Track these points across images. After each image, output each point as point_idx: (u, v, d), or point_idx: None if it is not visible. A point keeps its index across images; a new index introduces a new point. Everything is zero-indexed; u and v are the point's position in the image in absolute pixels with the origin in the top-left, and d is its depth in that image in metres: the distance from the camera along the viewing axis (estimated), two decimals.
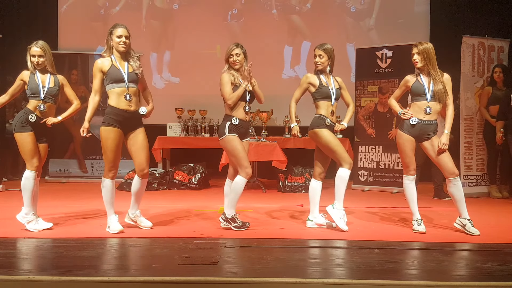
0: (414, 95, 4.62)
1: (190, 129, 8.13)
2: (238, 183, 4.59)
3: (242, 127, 4.66)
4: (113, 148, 4.43)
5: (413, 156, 4.65)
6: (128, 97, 4.41)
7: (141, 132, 4.54)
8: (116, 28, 4.46)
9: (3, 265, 3.53)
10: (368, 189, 7.66)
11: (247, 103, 4.67)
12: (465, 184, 6.84)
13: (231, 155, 4.66)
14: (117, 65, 4.44)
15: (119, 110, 4.41)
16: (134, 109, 4.47)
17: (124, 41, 4.44)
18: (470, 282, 3.22)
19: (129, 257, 3.94)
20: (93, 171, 8.32)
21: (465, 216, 4.56)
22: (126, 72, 4.44)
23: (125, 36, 4.44)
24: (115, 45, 4.45)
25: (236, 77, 4.63)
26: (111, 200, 4.59)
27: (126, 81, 4.42)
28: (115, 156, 4.47)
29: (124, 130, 4.48)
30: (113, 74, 4.42)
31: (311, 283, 3.15)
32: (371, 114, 7.72)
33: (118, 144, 4.46)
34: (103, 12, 9.10)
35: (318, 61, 4.71)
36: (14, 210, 4.74)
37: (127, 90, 4.42)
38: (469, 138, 7.05)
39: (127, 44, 4.46)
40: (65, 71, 7.96)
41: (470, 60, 7.05)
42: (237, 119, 4.62)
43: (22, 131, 4.49)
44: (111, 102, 4.45)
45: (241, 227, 4.62)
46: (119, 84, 4.42)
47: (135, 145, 4.52)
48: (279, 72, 9.01)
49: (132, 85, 4.47)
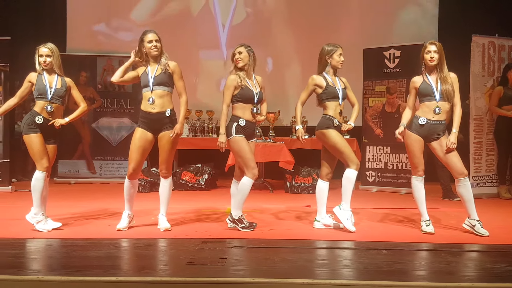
0: (423, 95, 4.59)
1: (198, 130, 8.14)
2: (244, 184, 4.59)
3: (249, 128, 4.66)
4: (134, 147, 4.58)
5: (422, 157, 4.63)
6: (150, 101, 4.53)
7: (167, 134, 4.60)
8: (146, 35, 4.59)
9: (12, 265, 3.56)
10: (376, 189, 7.63)
11: (255, 105, 4.68)
12: (475, 185, 6.79)
13: (237, 156, 4.67)
14: (147, 70, 4.60)
15: (143, 112, 4.58)
16: (158, 111, 4.55)
17: (155, 45, 4.56)
18: (479, 284, 3.20)
19: (137, 257, 3.95)
20: (101, 172, 8.36)
21: (474, 217, 4.52)
22: (153, 75, 4.55)
23: (155, 40, 4.56)
24: (147, 50, 4.58)
25: (242, 79, 4.63)
26: (127, 197, 4.68)
27: (151, 85, 4.54)
28: (135, 155, 4.58)
29: (152, 132, 4.59)
30: (143, 79, 4.60)
31: (318, 284, 3.14)
32: (379, 114, 7.69)
33: (141, 145, 4.57)
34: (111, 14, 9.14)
35: (342, 61, 4.71)
36: (23, 210, 4.77)
37: (151, 93, 4.54)
38: (479, 138, 7.01)
39: (159, 47, 4.57)
40: (74, 73, 8.00)
41: (480, 60, 7.00)
42: (244, 120, 4.63)
43: (29, 133, 4.52)
44: (141, 105, 4.63)
45: (248, 228, 4.63)
46: (146, 88, 4.59)
47: (159, 146, 4.65)
48: (286, 71, 9.01)
49: (158, 87, 4.55)
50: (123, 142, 8.21)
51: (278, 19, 9.09)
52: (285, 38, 9.08)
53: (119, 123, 8.37)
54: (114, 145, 8.35)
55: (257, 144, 7.04)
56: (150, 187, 7.33)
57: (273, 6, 9.12)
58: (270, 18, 9.12)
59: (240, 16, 9.09)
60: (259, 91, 4.68)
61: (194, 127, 8.15)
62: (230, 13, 9.09)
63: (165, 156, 4.65)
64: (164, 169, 4.67)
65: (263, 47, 8.47)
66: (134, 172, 4.62)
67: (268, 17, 9.12)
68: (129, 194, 4.68)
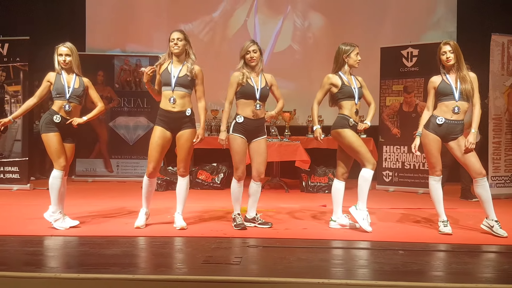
0: (442, 95, 4.54)
1: (213, 129, 8.15)
2: (232, 185, 4.73)
3: (248, 125, 4.65)
4: (154, 146, 4.61)
5: (439, 156, 4.58)
6: (172, 100, 4.56)
7: (186, 133, 4.64)
8: (172, 33, 4.63)
9: (30, 262, 3.62)
10: (393, 189, 7.57)
11: (257, 101, 4.65)
12: (493, 185, 6.71)
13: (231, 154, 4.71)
14: (169, 69, 4.60)
15: (163, 110, 4.60)
16: (179, 110, 4.59)
17: (176, 43, 4.58)
18: (497, 285, 3.16)
19: (153, 255, 3.97)
20: (118, 171, 8.43)
21: (492, 218, 4.47)
22: (176, 76, 4.57)
23: (177, 39, 4.58)
24: (171, 48, 4.61)
25: (245, 77, 4.62)
26: (145, 195, 4.73)
27: (173, 85, 4.56)
28: (155, 154, 4.62)
29: (170, 130, 4.62)
30: (164, 77, 4.61)
31: (334, 284, 3.13)
32: (396, 113, 7.63)
33: (160, 143, 4.61)
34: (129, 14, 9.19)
35: (359, 60, 4.70)
36: (41, 208, 4.83)
37: (172, 93, 4.56)
38: (498, 138, 6.92)
39: (180, 46, 4.58)
40: (91, 72, 8.08)
41: (500, 59, 6.90)
42: (241, 117, 4.64)
43: (48, 131, 4.57)
44: (160, 104, 4.65)
45: (238, 226, 4.65)
46: (167, 87, 4.60)
47: (178, 145, 4.69)
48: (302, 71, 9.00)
49: (179, 88, 4.58)
50: (140, 141, 8.28)
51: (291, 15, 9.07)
52: (303, 34, 9.08)
53: (136, 122, 8.43)
54: (131, 144, 8.42)
55: (273, 143, 7.07)
56: (166, 186, 7.38)
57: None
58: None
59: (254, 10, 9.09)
60: (262, 87, 4.65)
61: (210, 126, 8.16)
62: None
63: (183, 155, 4.67)
64: (182, 167, 4.69)
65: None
66: (154, 170, 4.66)
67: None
68: (148, 192, 4.71)
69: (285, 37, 9.05)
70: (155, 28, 8.91)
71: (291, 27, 9.05)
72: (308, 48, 9.03)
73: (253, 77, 4.65)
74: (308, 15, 9.06)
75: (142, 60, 8.38)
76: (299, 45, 9.05)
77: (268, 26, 9.06)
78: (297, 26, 9.06)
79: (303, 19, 9.05)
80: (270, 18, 9.09)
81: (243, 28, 9.07)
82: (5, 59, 7.39)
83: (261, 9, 9.09)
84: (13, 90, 7.40)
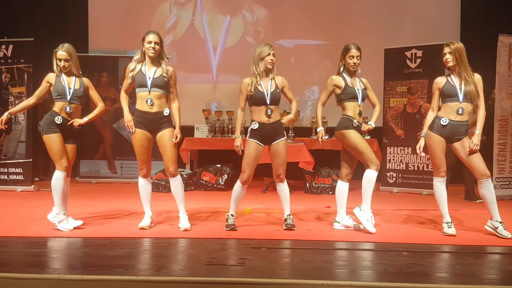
0: (446, 96, 4.53)
1: (217, 130, 8.16)
2: (235, 185, 4.77)
3: (265, 130, 4.64)
4: (137, 147, 4.64)
5: (444, 158, 4.57)
6: (149, 102, 4.57)
7: (167, 132, 4.63)
8: (148, 35, 4.61)
9: (34, 264, 3.62)
10: (397, 191, 7.55)
11: (268, 106, 4.63)
12: (498, 186, 6.69)
13: None
14: (144, 70, 4.60)
15: (140, 112, 4.60)
16: (157, 111, 4.59)
17: (153, 46, 4.57)
18: (501, 286, 3.15)
19: (157, 256, 3.96)
20: (122, 172, 8.44)
21: (496, 219, 4.46)
22: (151, 77, 4.57)
23: (155, 42, 4.57)
24: (146, 50, 4.59)
25: (254, 82, 4.58)
26: (143, 197, 4.77)
27: (149, 86, 4.56)
28: (141, 155, 4.65)
29: (149, 131, 4.62)
30: (138, 78, 4.60)
31: (338, 285, 3.12)
32: (400, 115, 7.62)
33: (143, 144, 4.63)
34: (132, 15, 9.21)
35: (356, 63, 4.66)
36: (45, 210, 4.84)
37: (148, 95, 4.57)
38: (503, 140, 6.89)
39: (156, 49, 4.58)
40: (95, 73, 8.10)
41: (506, 60, 6.88)
42: (256, 123, 4.64)
43: (49, 133, 4.58)
44: (136, 105, 4.65)
45: (228, 227, 4.67)
46: (142, 88, 4.60)
47: (160, 145, 4.65)
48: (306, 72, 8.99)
49: (155, 89, 4.58)
50: None
51: (298, 17, 9.07)
52: (306, 35, 9.08)
53: None
54: None
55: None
56: (169, 188, 7.34)
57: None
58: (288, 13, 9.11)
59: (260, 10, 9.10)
60: (272, 91, 4.63)
61: (213, 127, 8.17)
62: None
63: (169, 154, 4.64)
64: (170, 167, 4.65)
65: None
66: (147, 171, 4.72)
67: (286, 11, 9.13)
68: (146, 193, 4.74)
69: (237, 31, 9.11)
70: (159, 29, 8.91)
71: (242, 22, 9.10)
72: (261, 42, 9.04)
73: (263, 82, 4.63)
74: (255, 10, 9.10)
75: None
76: (252, 38, 9.06)
77: (216, 23, 9.12)
78: (248, 20, 9.08)
79: (252, 13, 9.08)
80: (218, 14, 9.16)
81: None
82: (9, 60, 7.43)
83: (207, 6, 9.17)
84: (17, 91, 7.43)
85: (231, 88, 8.64)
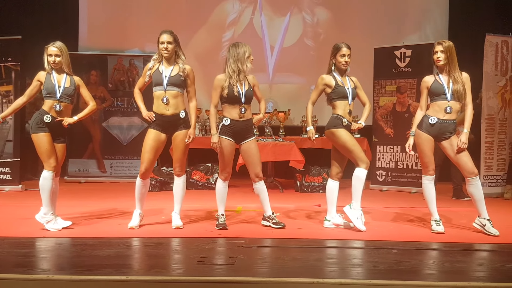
0: (434, 95, 4.57)
1: (208, 129, 8.14)
2: (217, 184, 4.81)
3: (236, 127, 4.66)
4: (147, 148, 4.62)
5: (432, 156, 4.60)
6: (164, 100, 4.55)
7: (181, 134, 4.66)
8: (161, 35, 4.60)
9: (22, 264, 3.59)
10: (386, 189, 7.60)
11: (243, 105, 4.64)
12: (485, 184, 6.75)
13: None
14: (160, 69, 4.60)
15: (157, 114, 4.59)
16: (172, 113, 4.58)
17: (166, 47, 4.56)
18: (489, 283, 3.18)
19: (147, 256, 3.96)
20: (111, 171, 8.39)
21: (484, 216, 4.50)
22: (167, 75, 4.56)
23: (167, 42, 4.56)
24: (160, 51, 4.59)
25: (231, 81, 4.56)
26: (138, 196, 4.73)
27: (165, 85, 4.55)
28: (148, 156, 4.62)
29: (165, 132, 4.64)
30: (155, 77, 4.60)
31: (328, 283, 3.13)
32: (389, 113, 7.65)
33: (154, 145, 4.62)
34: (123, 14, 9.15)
35: (347, 61, 4.67)
36: (33, 209, 4.80)
37: (164, 93, 4.55)
38: (490, 138, 6.95)
39: (170, 49, 4.57)
40: (84, 72, 8.05)
41: (493, 59, 6.94)
42: (228, 119, 4.65)
43: (38, 132, 4.53)
44: (153, 107, 4.64)
45: (218, 226, 4.68)
46: (159, 87, 4.59)
47: (173, 145, 4.73)
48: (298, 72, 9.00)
49: (172, 88, 4.58)
50: (133, 141, 8.26)
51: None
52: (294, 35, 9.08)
53: (130, 122, 8.40)
54: (125, 144, 8.38)
55: (267, 143, 7.08)
56: (160, 186, 7.36)
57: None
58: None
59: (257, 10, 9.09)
60: (246, 90, 4.63)
61: (204, 126, 8.15)
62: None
63: (179, 155, 4.68)
64: (178, 167, 4.70)
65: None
66: (147, 171, 4.65)
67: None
68: (141, 193, 4.71)
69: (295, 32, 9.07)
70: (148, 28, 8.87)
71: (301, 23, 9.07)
72: (319, 43, 9.00)
73: (238, 81, 4.60)
74: (315, 11, 9.08)
75: (135, 59, 8.36)
76: (311, 40, 9.06)
77: (275, 22, 9.08)
78: (307, 22, 9.06)
79: (312, 15, 9.06)
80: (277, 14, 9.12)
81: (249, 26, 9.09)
82: None
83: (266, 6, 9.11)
84: (5, 90, 7.35)
85: (287, 89, 8.79)
